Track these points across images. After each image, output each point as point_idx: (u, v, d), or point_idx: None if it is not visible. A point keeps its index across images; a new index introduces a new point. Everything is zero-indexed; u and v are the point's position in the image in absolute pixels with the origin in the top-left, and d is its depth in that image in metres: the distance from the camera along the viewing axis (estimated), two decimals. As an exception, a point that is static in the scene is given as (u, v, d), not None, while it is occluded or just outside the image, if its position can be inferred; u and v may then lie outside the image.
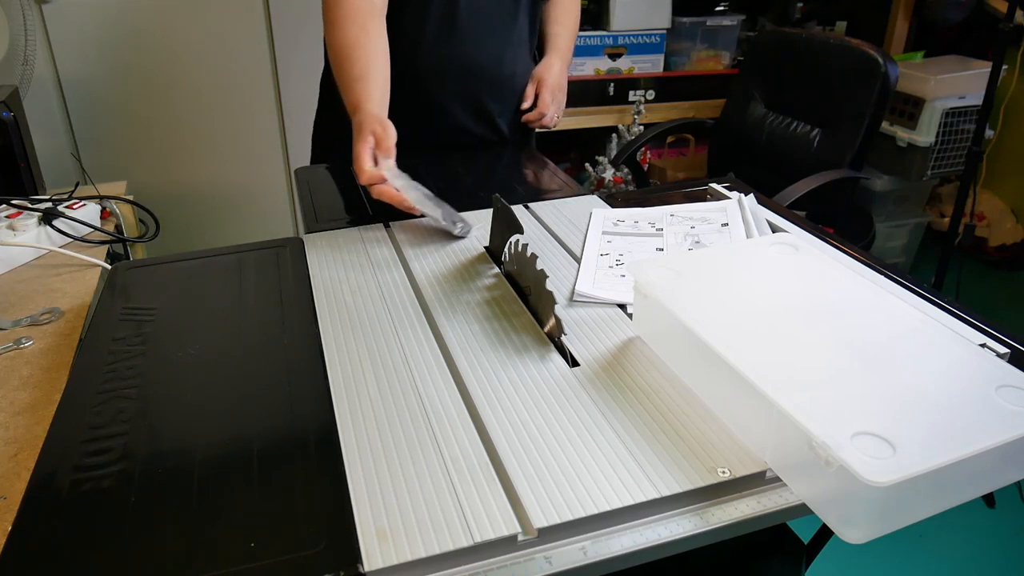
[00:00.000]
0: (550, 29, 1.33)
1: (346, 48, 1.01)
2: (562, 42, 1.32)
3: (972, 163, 1.94)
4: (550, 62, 1.29)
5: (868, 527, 0.48)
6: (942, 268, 2.07)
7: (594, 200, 1.04)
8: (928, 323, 0.62)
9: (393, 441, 0.57)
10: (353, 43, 1.01)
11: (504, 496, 0.52)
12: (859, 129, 1.74)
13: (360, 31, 1.02)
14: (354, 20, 1.02)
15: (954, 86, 2.29)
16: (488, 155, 1.28)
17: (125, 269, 0.90)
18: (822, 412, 0.51)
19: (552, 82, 1.27)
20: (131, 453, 0.57)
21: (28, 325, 0.90)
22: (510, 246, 0.82)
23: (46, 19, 2.03)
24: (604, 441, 0.57)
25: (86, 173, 2.17)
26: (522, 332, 0.72)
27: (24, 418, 0.73)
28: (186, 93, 2.22)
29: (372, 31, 1.03)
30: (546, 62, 1.30)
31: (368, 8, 1.04)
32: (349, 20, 1.02)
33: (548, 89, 1.27)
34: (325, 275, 0.84)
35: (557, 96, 1.29)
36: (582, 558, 0.49)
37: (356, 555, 0.47)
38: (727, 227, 0.90)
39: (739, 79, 2.11)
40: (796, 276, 0.69)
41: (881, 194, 2.50)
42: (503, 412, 0.60)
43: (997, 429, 0.49)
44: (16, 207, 1.12)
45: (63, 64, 2.09)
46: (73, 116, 2.15)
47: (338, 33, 1.02)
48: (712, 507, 0.53)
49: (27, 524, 0.51)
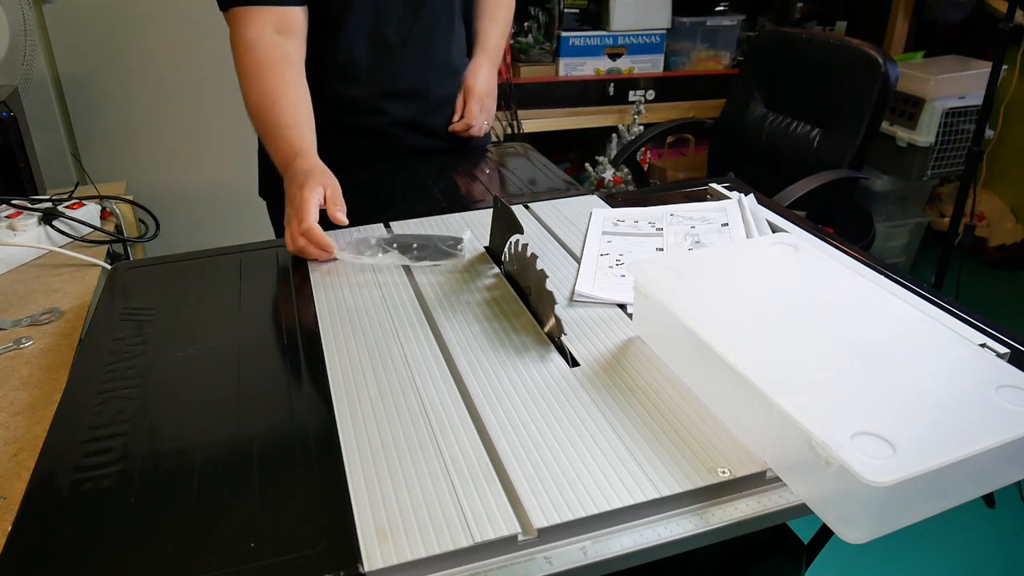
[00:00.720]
0: (480, 26, 1.27)
1: (268, 98, 0.96)
2: (491, 41, 1.27)
3: (972, 163, 1.94)
4: (477, 65, 1.25)
5: (868, 527, 0.48)
6: (942, 268, 2.07)
7: (594, 200, 1.04)
8: (928, 323, 0.62)
9: (393, 441, 0.57)
10: (275, 92, 0.97)
11: (504, 496, 0.52)
12: (859, 129, 1.74)
13: (280, 80, 0.98)
14: (271, 70, 0.98)
15: (954, 86, 2.29)
16: (475, 157, 1.28)
17: (125, 269, 0.90)
18: (822, 412, 0.51)
19: (480, 90, 1.24)
20: (131, 453, 0.57)
21: (28, 325, 0.90)
22: (510, 246, 0.82)
23: (46, 19, 2.03)
24: (604, 441, 0.57)
25: (86, 173, 2.17)
26: (522, 332, 0.72)
27: (24, 418, 0.73)
28: (186, 93, 2.22)
29: (291, 80, 0.99)
30: (473, 66, 1.25)
31: (281, 57, 1.00)
32: (266, 70, 0.98)
33: (475, 98, 1.23)
34: (325, 275, 0.84)
35: (486, 104, 1.26)
36: (582, 558, 0.49)
37: (356, 555, 0.47)
38: (727, 227, 0.90)
39: (739, 79, 2.11)
40: (796, 276, 0.69)
41: (881, 194, 2.50)
42: (503, 412, 0.60)
43: (997, 429, 0.49)
44: (16, 207, 1.12)
45: (63, 64, 2.09)
46: (73, 116, 2.15)
47: (255, 85, 0.98)
48: (712, 507, 0.53)
49: (27, 524, 0.51)
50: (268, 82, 0.98)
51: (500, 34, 1.29)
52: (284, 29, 1.02)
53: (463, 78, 1.24)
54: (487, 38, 1.27)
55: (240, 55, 1.00)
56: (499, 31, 1.29)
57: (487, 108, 1.26)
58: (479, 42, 1.27)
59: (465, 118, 1.24)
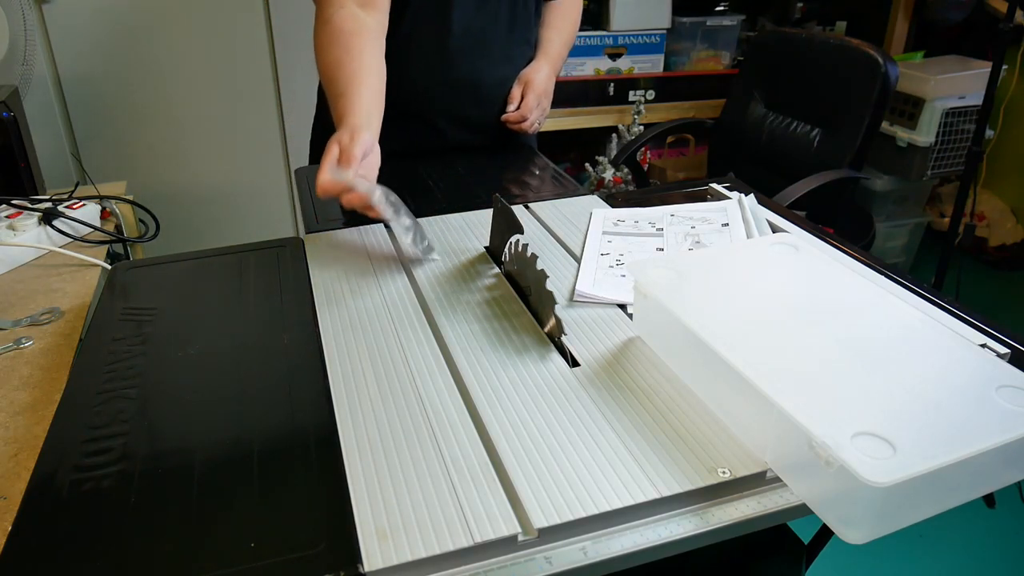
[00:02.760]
0: (544, 34, 1.30)
1: (330, 69, 1.01)
2: (554, 48, 1.29)
3: (972, 163, 1.94)
4: (539, 66, 1.26)
5: (868, 527, 0.48)
6: (942, 268, 2.07)
7: (594, 200, 1.04)
8: (928, 323, 0.62)
9: (393, 441, 0.57)
10: (335, 64, 1.00)
11: (504, 496, 0.52)
12: (859, 129, 1.74)
13: (343, 52, 1.01)
14: (337, 42, 1.01)
15: (954, 86, 2.29)
16: (485, 156, 1.28)
17: (125, 269, 0.90)
18: (822, 412, 0.51)
19: (539, 86, 1.24)
20: (131, 453, 0.57)
21: (28, 325, 0.90)
22: (510, 246, 0.82)
23: (46, 19, 2.03)
24: (604, 441, 0.57)
25: (86, 173, 2.17)
26: (522, 332, 0.72)
27: (24, 418, 0.73)
28: (186, 93, 2.22)
29: (355, 50, 1.02)
30: (535, 65, 1.27)
31: (353, 29, 1.03)
32: (332, 42, 1.02)
33: (534, 92, 1.23)
34: (325, 275, 0.84)
35: (542, 102, 1.26)
36: (582, 558, 0.49)
37: (356, 555, 0.47)
38: (727, 227, 0.90)
39: (739, 79, 2.11)
40: (796, 276, 0.69)
41: (881, 194, 2.50)
42: (503, 412, 0.60)
43: (997, 429, 0.49)
44: (16, 207, 1.12)
45: (63, 64, 2.09)
46: (73, 116, 2.15)
47: (322, 56, 1.03)
48: (712, 507, 0.53)
49: (27, 524, 0.51)
50: (331, 53, 1.02)
51: (562, 43, 1.30)
52: (366, 3, 1.05)
53: (522, 74, 1.24)
54: (549, 45, 1.29)
55: (318, 25, 1.05)
56: (562, 41, 1.30)
57: (543, 106, 1.26)
58: (541, 47, 1.29)
59: (521, 109, 1.22)
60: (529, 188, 1.12)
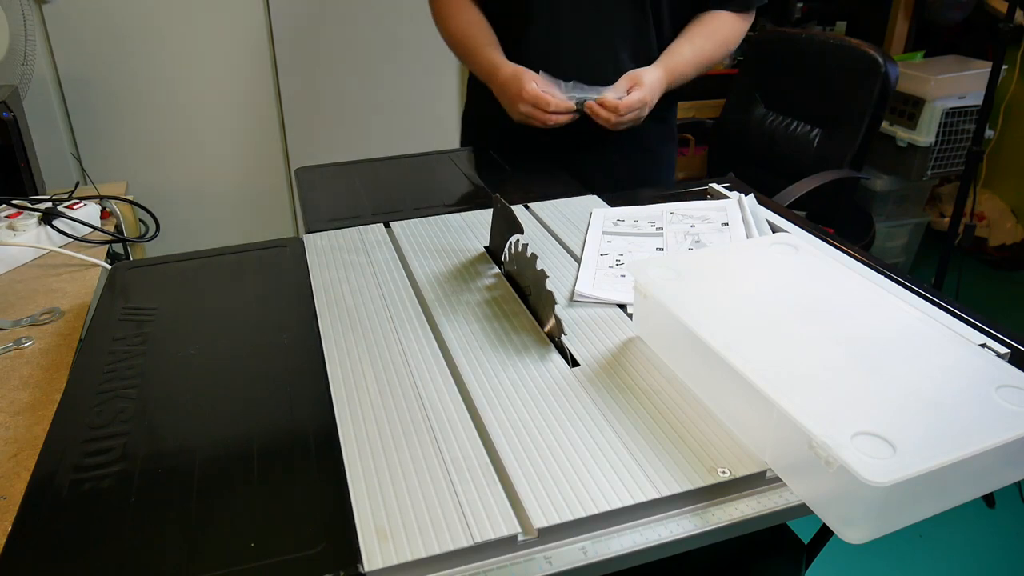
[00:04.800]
0: (676, 43, 1.18)
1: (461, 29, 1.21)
2: (679, 61, 1.16)
3: (972, 163, 1.94)
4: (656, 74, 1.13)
5: (868, 527, 0.48)
6: (942, 268, 2.08)
7: (594, 200, 1.04)
8: (928, 323, 0.62)
9: (393, 441, 0.57)
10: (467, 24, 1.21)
11: (504, 496, 0.52)
12: (859, 129, 1.74)
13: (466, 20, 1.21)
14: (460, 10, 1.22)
15: (954, 86, 2.29)
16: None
17: (125, 269, 0.90)
18: (822, 412, 0.51)
19: (649, 89, 1.11)
20: (131, 453, 0.57)
21: (28, 325, 0.90)
22: (510, 246, 0.82)
23: (46, 19, 2.03)
24: (604, 441, 0.57)
25: (86, 173, 2.17)
26: (522, 332, 0.72)
27: (24, 418, 0.73)
28: (186, 93, 2.22)
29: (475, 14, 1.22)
30: (651, 70, 1.13)
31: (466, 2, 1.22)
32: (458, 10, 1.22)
33: (643, 91, 1.10)
34: (325, 275, 0.84)
35: (642, 109, 1.12)
36: (582, 558, 0.49)
37: (356, 555, 0.47)
38: (727, 227, 0.90)
39: (739, 79, 2.11)
40: (796, 276, 0.69)
41: (881, 194, 2.50)
42: (503, 412, 0.60)
43: (997, 429, 0.49)
44: (16, 207, 1.12)
45: (63, 64, 2.09)
46: (73, 116, 2.15)
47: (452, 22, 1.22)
48: (712, 507, 0.53)
49: (27, 524, 0.51)
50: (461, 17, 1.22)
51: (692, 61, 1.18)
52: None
53: (635, 72, 1.13)
54: (677, 55, 1.17)
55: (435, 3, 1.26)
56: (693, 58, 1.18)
57: (638, 114, 1.13)
58: (667, 53, 1.18)
59: (623, 101, 1.09)
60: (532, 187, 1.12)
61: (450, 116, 2.49)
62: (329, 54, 2.30)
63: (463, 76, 2.43)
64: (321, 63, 2.30)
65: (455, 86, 2.45)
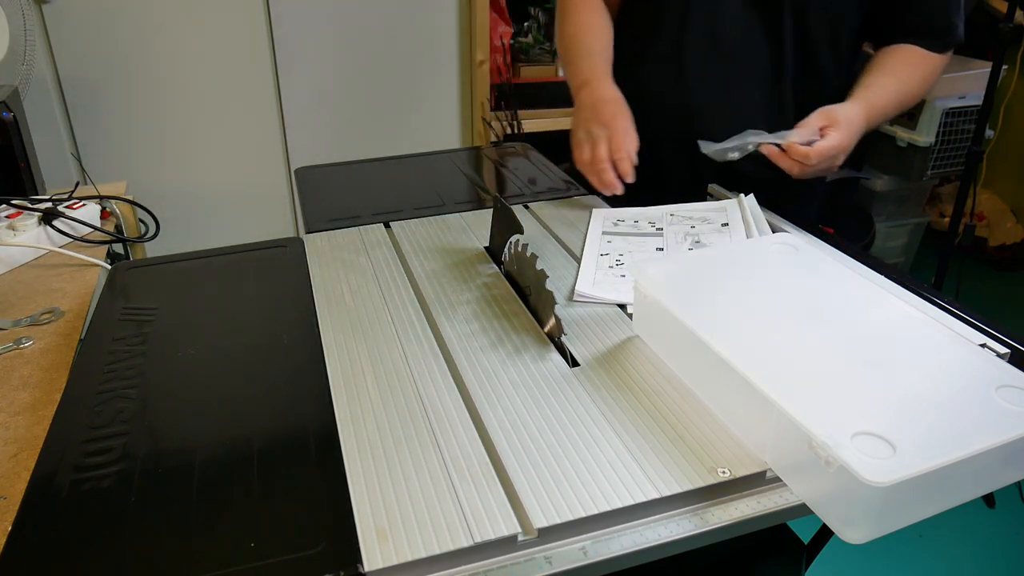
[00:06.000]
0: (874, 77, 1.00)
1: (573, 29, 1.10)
2: (881, 95, 0.97)
3: (972, 163, 1.94)
4: (854, 110, 0.94)
5: (868, 527, 0.48)
6: (942, 268, 2.07)
7: (594, 200, 1.04)
8: (928, 323, 0.62)
9: (393, 441, 0.57)
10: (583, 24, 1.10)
11: (504, 496, 0.52)
12: (859, 129, 1.73)
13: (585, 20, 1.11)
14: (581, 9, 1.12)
15: (954, 86, 2.29)
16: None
17: (125, 269, 0.90)
18: (822, 412, 0.51)
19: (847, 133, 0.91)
20: (131, 453, 0.57)
21: (28, 325, 0.90)
22: (510, 246, 0.82)
23: (46, 19, 2.03)
24: (604, 441, 0.57)
25: (86, 173, 2.17)
26: (522, 332, 0.72)
27: (24, 418, 0.73)
28: (186, 93, 2.22)
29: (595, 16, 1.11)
30: (848, 106, 0.94)
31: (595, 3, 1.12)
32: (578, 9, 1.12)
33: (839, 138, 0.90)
34: (325, 275, 0.84)
35: (837, 158, 0.92)
36: (582, 558, 0.49)
37: (356, 555, 0.47)
38: (727, 227, 0.90)
39: (739, 79, 2.10)
40: (796, 276, 0.69)
41: (881, 194, 2.50)
42: (503, 412, 0.60)
43: (997, 429, 0.49)
44: (16, 207, 1.12)
45: (63, 64, 2.09)
46: (73, 116, 2.15)
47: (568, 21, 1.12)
48: (712, 507, 0.53)
49: (27, 524, 0.51)
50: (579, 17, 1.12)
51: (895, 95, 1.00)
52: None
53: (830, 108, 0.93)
54: (879, 88, 0.98)
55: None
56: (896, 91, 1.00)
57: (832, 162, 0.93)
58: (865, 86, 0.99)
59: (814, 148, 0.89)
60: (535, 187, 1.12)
61: (450, 116, 2.49)
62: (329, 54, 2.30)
63: (463, 76, 2.43)
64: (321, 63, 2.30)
65: (455, 86, 2.45)
